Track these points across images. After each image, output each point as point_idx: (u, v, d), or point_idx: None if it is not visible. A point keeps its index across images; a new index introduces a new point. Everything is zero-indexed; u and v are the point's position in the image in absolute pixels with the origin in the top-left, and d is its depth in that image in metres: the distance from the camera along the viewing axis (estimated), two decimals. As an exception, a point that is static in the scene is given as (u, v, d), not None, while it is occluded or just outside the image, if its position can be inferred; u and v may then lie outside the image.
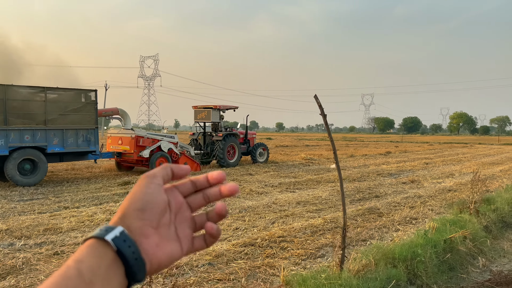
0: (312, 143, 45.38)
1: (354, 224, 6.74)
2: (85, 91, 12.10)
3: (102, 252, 0.49)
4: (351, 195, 9.76)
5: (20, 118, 10.52)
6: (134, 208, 0.53)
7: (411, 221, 6.99)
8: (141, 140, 13.07)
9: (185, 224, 0.59)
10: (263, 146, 17.86)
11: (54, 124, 11.08)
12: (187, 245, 0.58)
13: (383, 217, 7.39)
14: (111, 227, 0.51)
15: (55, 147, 11.05)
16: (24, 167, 10.49)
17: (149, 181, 0.55)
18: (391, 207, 8.31)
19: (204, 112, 16.60)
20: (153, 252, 0.53)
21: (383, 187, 11.29)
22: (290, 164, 17.71)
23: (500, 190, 8.73)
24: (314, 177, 13.07)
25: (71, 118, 11.51)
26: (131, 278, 0.51)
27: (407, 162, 19.65)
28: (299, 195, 9.61)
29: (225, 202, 0.60)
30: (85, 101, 11.91)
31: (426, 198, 9.49)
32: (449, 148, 35.18)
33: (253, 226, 6.57)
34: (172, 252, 0.55)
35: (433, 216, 7.35)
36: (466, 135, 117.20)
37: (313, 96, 3.67)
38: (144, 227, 0.53)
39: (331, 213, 7.60)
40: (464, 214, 6.00)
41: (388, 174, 14.44)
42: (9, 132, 10.20)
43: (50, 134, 10.94)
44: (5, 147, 10.13)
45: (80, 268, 0.46)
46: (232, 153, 16.35)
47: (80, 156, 11.98)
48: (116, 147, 13.32)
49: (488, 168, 16.95)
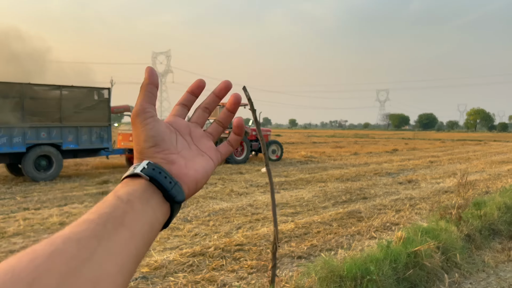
0: (321, 140, 44.59)
1: (327, 230, 6.17)
2: (98, 89, 12.37)
3: (136, 182, 0.50)
4: (337, 196, 9.16)
5: (37, 115, 10.80)
6: (147, 146, 0.54)
7: (391, 227, 6.37)
8: None
9: (203, 139, 0.61)
10: (276, 143, 17.68)
11: (69, 122, 11.39)
12: (214, 154, 0.60)
13: (362, 221, 6.79)
14: (137, 164, 0.52)
15: (70, 144, 11.41)
16: (40, 164, 10.79)
17: (142, 119, 0.54)
18: (375, 210, 7.70)
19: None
20: (184, 172, 0.54)
21: (375, 187, 10.65)
22: (287, 162, 17.15)
23: (494, 193, 8.02)
24: (306, 176, 12.49)
25: (85, 116, 11.81)
26: (171, 200, 0.51)
27: (412, 160, 18.87)
28: (282, 196, 9.05)
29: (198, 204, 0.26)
30: (98, 98, 12.19)
31: (418, 200, 8.83)
32: (461, 146, 34.03)
33: (215, 231, 6.05)
34: (203, 165, 0.57)
35: (419, 221, 6.73)
36: (483, 132, 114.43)
37: (242, 88, 3.12)
38: (165, 157, 0.54)
39: (307, 217, 7.03)
40: (443, 221, 5.38)
41: (387, 173, 13.76)
42: (26, 130, 10.54)
43: (65, 131, 11.31)
44: (22, 144, 10.47)
45: (117, 193, 0.47)
46: (240, 150, 16.19)
47: (92, 152, 12.30)
48: (126, 143, 13.64)
49: (496, 167, 16.09)
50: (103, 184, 10.36)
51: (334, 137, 54.04)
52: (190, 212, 7.32)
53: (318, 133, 77.98)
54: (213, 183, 10.72)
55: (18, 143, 10.42)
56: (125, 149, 13.64)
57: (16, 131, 10.38)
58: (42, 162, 10.85)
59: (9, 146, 10.31)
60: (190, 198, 8.79)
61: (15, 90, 10.43)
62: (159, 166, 0.51)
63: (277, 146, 17.76)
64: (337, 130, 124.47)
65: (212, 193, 9.24)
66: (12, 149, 10.35)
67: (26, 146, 10.54)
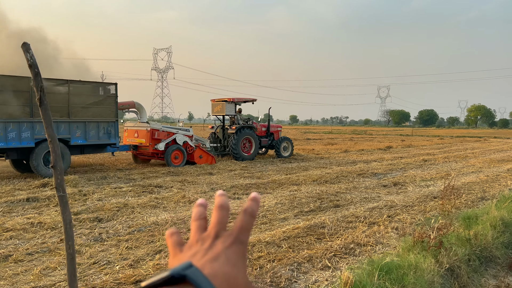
0: (316, 136, 43.17)
1: (272, 255, 4.77)
2: (106, 84, 12.31)
3: None
4: (304, 204, 7.76)
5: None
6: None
7: (354, 250, 4.97)
8: (156, 133, 13.28)
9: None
10: (287, 140, 17.25)
11: (77, 117, 11.30)
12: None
13: (322, 241, 5.40)
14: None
15: (78, 139, 11.33)
16: (48, 159, 10.55)
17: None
18: (343, 223, 6.29)
19: (220, 105, 16.28)
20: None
21: (354, 191, 9.25)
22: (269, 160, 15.75)
23: (491, 202, 6.61)
24: (282, 178, 11.09)
25: (93, 111, 11.73)
26: None
27: (404, 158, 17.45)
28: (239, 204, 7.66)
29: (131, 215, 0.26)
30: (105, 94, 12.11)
31: (399, 209, 7.43)
32: (459, 143, 32.58)
33: (124, 258, 4.66)
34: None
35: (392, 240, 5.33)
36: (483, 129, 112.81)
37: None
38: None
39: (255, 235, 5.63)
40: (418, 248, 3.98)
41: (372, 173, 12.34)
42: (35, 124, 10.36)
43: (73, 127, 11.21)
44: (31, 139, 10.35)
45: None
46: (248, 146, 15.93)
47: (99, 148, 12.17)
48: (132, 140, 13.62)
49: (494, 167, 14.67)
50: (42, 187, 8.97)
51: (330, 134, 52.63)
52: (113, 226, 5.94)
53: (316, 129, 76.41)
54: (168, 187, 9.34)
55: (27, 138, 10.30)
56: (130, 146, 13.52)
57: (25, 125, 10.27)
58: (50, 157, 9.97)
59: (18, 141, 10.18)
60: (123, 208, 6.79)
61: (24, 84, 10.16)
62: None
63: (288, 143, 17.23)
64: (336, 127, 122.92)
65: (158, 199, 7.84)
66: (21, 144, 10.21)
67: (35, 141, 10.37)
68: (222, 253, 0.48)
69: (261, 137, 16.63)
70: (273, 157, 16.73)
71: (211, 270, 0.45)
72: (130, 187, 9.15)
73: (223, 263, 0.47)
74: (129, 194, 8.38)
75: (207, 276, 0.44)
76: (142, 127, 13.39)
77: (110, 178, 10.59)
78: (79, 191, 8.49)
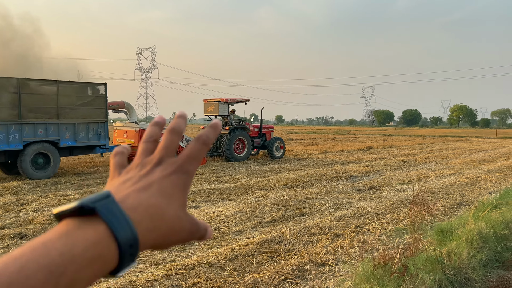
0: (299, 136, 42.62)
1: (210, 281, 3.99)
2: (95, 85, 12.07)
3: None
4: (267, 212, 7.00)
5: (33, 112, 10.52)
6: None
7: (310, 273, 4.22)
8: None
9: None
10: (279, 140, 17.09)
11: (66, 118, 11.12)
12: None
13: (275, 259, 4.64)
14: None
15: (67, 141, 11.15)
16: (37, 161, 10.49)
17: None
18: (304, 236, 5.55)
19: (212, 105, 16.12)
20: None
21: (325, 197, 8.55)
22: (242, 163, 14.99)
23: (466, 213, 5.95)
24: (251, 182, 10.34)
25: (82, 112, 11.56)
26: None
27: (384, 159, 16.89)
28: (195, 213, 6.87)
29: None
30: (94, 94, 11.88)
31: (370, 217, 6.73)
32: (441, 142, 32.34)
33: None
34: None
35: (356, 256, 4.60)
36: (466, 128, 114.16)
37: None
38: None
39: (199, 253, 4.85)
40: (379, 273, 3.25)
41: (348, 176, 11.68)
42: (23, 126, 10.22)
43: (63, 128, 11.04)
44: (19, 141, 10.15)
45: None
46: (241, 147, 15.81)
47: (88, 149, 12.04)
48: (121, 140, 13.42)
49: (475, 168, 14.18)
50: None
51: (314, 134, 52.14)
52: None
53: (300, 129, 75.94)
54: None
55: (15, 140, 10.11)
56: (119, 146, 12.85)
57: (13, 128, 10.05)
58: (39, 160, 10.54)
59: (6, 144, 9.96)
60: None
61: (11, 85, 9.99)
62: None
63: (280, 143, 17.10)
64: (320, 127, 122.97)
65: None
66: (9, 147, 10.00)
67: (23, 143, 10.20)
68: (156, 182, 0.44)
69: (253, 138, 16.50)
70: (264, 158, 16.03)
71: (134, 201, 0.41)
72: (78, 194, 8.28)
73: (152, 194, 0.43)
74: (73, 203, 7.50)
75: (126, 208, 0.40)
76: (131, 128, 13.26)
77: (61, 184, 9.69)
78: (17, 200, 7.60)
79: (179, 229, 0.43)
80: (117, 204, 0.39)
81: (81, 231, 0.37)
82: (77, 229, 0.37)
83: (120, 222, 0.38)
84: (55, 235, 0.37)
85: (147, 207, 0.41)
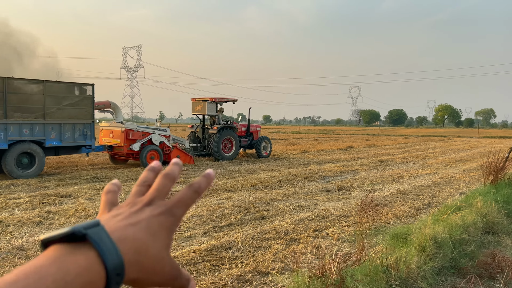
0: (282, 136, 42.45)
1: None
2: (82, 85, 11.96)
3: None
4: (226, 215, 6.66)
5: (19, 111, 10.46)
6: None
7: (249, 284, 3.88)
8: (131, 133, 13.03)
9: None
10: (266, 139, 17.27)
11: (52, 118, 11.03)
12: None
13: (218, 268, 4.30)
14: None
15: (53, 141, 11.08)
16: (22, 161, 10.44)
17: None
18: (257, 241, 5.22)
19: (200, 104, 16.02)
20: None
21: (292, 198, 8.24)
22: (215, 163, 14.62)
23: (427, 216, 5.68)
24: (220, 183, 9.96)
25: (68, 112, 11.47)
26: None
27: (361, 159, 16.69)
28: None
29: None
30: (81, 94, 11.80)
31: (332, 220, 6.44)
32: (423, 142, 32.43)
33: None
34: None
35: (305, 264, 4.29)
36: (450, 128, 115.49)
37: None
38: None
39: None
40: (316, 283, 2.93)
41: (321, 176, 11.41)
42: (8, 126, 10.15)
43: (48, 128, 10.95)
44: (4, 140, 10.09)
45: None
46: (229, 146, 15.90)
47: (74, 150, 11.95)
48: (107, 140, 13.33)
49: (451, 167, 14.05)
50: None
51: (298, 134, 51.97)
52: (-40, 253, 4.66)
53: (286, 129, 75.71)
54: (76, 196, 8.06)
55: (0, 139, 10.02)
56: (105, 146, 13.29)
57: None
58: (24, 159, 10.48)
59: None
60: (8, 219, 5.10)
61: None
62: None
63: (267, 142, 17.27)
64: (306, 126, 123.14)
65: (50, 214, 6.56)
66: None
67: (8, 143, 10.13)
68: (145, 220, 0.45)
69: (241, 137, 16.54)
70: (250, 157, 15.67)
71: (122, 233, 0.42)
72: (30, 197, 7.82)
73: (139, 230, 0.43)
74: (21, 207, 7.06)
75: (115, 239, 0.41)
76: (117, 127, 13.15)
77: (17, 186, 9.20)
78: (-39, 203, 7.12)
79: (160, 269, 0.43)
80: (107, 232, 0.40)
81: (72, 257, 0.37)
82: (68, 255, 0.38)
83: (110, 250, 0.39)
84: (47, 261, 0.37)
85: (134, 240, 0.42)
